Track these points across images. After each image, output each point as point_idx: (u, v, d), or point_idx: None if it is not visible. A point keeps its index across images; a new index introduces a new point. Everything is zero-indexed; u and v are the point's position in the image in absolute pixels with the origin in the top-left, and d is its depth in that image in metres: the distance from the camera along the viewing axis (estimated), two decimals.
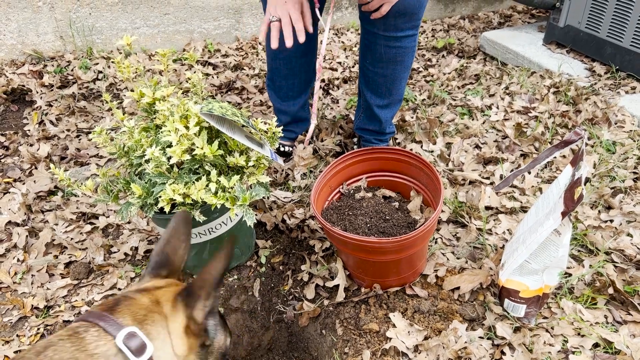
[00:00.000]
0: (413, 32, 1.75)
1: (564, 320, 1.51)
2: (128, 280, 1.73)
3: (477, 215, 1.87)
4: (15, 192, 2.04)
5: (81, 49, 2.97)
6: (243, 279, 1.74)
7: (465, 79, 2.90)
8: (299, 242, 1.85)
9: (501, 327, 1.51)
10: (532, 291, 1.49)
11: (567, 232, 1.38)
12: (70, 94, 2.67)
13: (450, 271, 1.68)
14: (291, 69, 1.96)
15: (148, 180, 1.45)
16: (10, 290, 1.71)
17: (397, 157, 1.69)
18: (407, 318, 1.55)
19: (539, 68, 2.86)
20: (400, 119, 2.41)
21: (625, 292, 1.56)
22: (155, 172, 1.38)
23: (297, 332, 1.63)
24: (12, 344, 1.55)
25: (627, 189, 1.96)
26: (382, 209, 1.62)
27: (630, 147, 2.16)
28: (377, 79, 1.90)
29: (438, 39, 3.43)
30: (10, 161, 2.27)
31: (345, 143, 2.33)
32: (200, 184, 1.36)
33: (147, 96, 1.50)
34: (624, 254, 1.70)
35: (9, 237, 1.87)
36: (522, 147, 2.23)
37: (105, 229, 1.93)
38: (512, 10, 3.90)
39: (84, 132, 2.46)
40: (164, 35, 3.12)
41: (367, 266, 1.55)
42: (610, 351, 1.43)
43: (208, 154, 1.36)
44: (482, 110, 2.53)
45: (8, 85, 2.66)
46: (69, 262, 1.80)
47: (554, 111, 2.44)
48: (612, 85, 2.62)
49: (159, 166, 1.36)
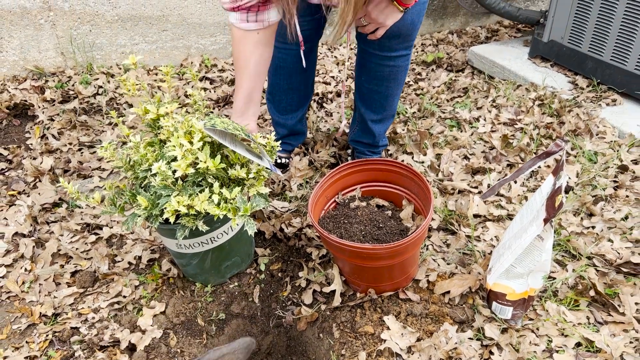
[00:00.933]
0: (406, 52, 1.85)
1: (549, 321, 1.60)
2: (132, 289, 1.79)
3: (466, 222, 1.96)
4: (21, 204, 2.10)
5: (81, 64, 3.05)
6: (243, 285, 1.81)
7: (454, 92, 3.01)
8: (297, 250, 1.93)
9: (489, 328, 1.59)
10: (518, 294, 1.57)
11: (549, 238, 1.47)
12: (71, 109, 2.75)
13: (440, 276, 1.77)
14: (291, 84, 2.06)
15: (153, 192, 1.52)
16: (18, 299, 1.78)
17: (390, 168, 1.78)
18: (401, 321, 1.63)
19: (524, 81, 2.97)
20: (392, 131, 2.51)
21: (606, 294, 1.65)
22: (160, 184, 1.45)
23: (296, 336, 1.70)
24: (22, 350, 1.61)
25: (608, 197, 2.06)
26: (376, 218, 1.71)
27: (610, 157, 2.27)
28: (371, 95, 2.00)
29: (428, 53, 3.55)
30: (14, 174, 2.34)
31: (340, 154, 2.42)
32: (203, 196, 1.44)
33: (151, 112, 1.58)
34: (604, 258, 1.80)
35: (16, 248, 1.94)
36: (508, 158, 2.33)
37: (109, 239, 2.00)
38: (499, 25, 4.03)
39: (85, 145, 2.53)
40: (162, 51, 3.21)
41: (362, 272, 1.64)
42: (592, 350, 1.52)
43: (211, 167, 1.44)
44: (470, 122, 2.63)
45: (11, 100, 2.73)
46: (75, 271, 1.87)
47: (538, 123, 2.54)
48: (593, 98, 2.73)
49: (165, 179, 1.44)
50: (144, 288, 1.79)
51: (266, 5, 1.55)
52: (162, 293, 1.78)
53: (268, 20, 1.59)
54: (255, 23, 1.58)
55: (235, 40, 1.64)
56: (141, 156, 1.55)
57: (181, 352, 1.62)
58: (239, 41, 1.63)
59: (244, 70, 1.68)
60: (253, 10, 1.55)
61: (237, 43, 1.64)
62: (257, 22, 1.58)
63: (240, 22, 1.58)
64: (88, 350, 1.60)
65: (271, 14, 1.59)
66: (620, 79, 2.69)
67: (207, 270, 1.75)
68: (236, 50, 1.67)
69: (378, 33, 1.69)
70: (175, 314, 1.71)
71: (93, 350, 1.60)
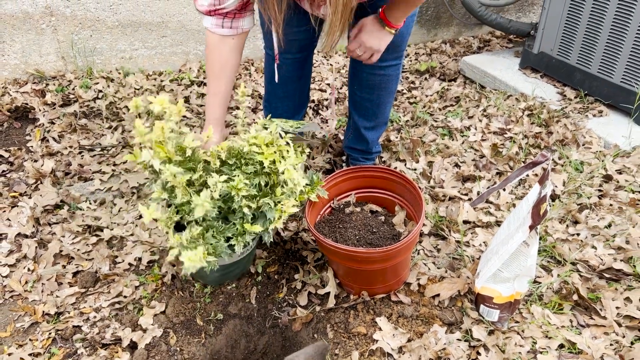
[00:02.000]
0: (397, 62, 1.92)
1: (534, 324, 1.67)
2: (133, 289, 1.85)
3: (456, 228, 2.04)
4: (24, 205, 2.15)
5: (82, 69, 3.10)
6: (241, 287, 1.87)
7: (446, 101, 3.09)
8: (293, 253, 1.99)
9: (477, 330, 1.66)
10: (505, 297, 1.65)
11: (534, 244, 1.55)
12: (71, 112, 2.80)
13: (431, 280, 1.84)
14: (286, 92, 2.12)
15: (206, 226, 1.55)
16: (21, 298, 1.82)
17: (383, 175, 1.85)
18: (392, 322, 1.70)
19: (514, 91, 3.06)
20: (385, 139, 2.58)
21: (588, 298, 1.73)
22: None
23: (291, 337, 1.76)
24: (26, 347, 1.66)
25: (593, 205, 2.14)
26: (370, 223, 1.78)
27: (596, 166, 2.36)
28: (363, 103, 2.07)
29: (421, 62, 3.63)
30: (16, 176, 2.38)
31: (335, 161, 2.49)
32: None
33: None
34: (588, 264, 1.87)
35: (19, 248, 1.99)
36: (497, 166, 2.41)
37: (110, 240, 2.06)
38: (490, 36, 4.12)
39: (86, 148, 2.58)
40: (161, 56, 3.27)
41: (356, 275, 1.70)
42: (574, 351, 1.59)
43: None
44: (462, 131, 2.71)
45: (12, 103, 2.78)
46: (77, 271, 1.92)
47: (527, 132, 2.63)
48: (581, 109, 2.82)
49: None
50: (144, 288, 1.85)
51: (242, 13, 1.62)
52: (161, 293, 1.84)
53: (242, 27, 1.66)
54: (230, 29, 1.64)
55: (211, 46, 1.68)
56: (183, 194, 1.46)
57: (180, 350, 1.67)
58: (216, 47, 1.67)
59: (220, 77, 1.71)
60: (229, 17, 1.61)
61: (213, 48, 1.68)
62: (232, 28, 1.64)
63: (216, 27, 1.63)
64: (90, 348, 1.66)
65: (245, 22, 1.66)
66: (607, 91, 2.78)
67: (228, 277, 1.82)
68: (212, 56, 1.70)
69: (374, 58, 1.75)
70: (175, 314, 1.76)
71: (95, 348, 1.65)
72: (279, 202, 1.52)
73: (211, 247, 1.47)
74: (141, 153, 1.35)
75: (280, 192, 1.51)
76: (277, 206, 1.52)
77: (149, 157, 1.35)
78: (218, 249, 1.48)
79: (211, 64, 1.71)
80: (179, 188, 1.42)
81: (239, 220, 1.53)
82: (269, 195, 1.53)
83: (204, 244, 1.47)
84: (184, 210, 1.50)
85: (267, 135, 1.51)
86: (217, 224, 1.52)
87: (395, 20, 1.66)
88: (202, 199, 1.38)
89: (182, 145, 1.44)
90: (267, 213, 1.51)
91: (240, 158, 1.54)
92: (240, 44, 1.71)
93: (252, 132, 1.53)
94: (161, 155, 1.39)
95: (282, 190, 1.52)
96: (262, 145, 1.50)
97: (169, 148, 1.40)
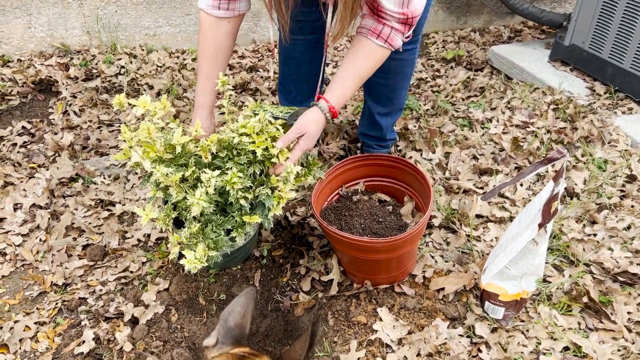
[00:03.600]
0: (413, 46, 1.87)
1: (539, 324, 1.63)
2: (139, 265, 1.87)
3: (467, 222, 1.99)
4: (40, 177, 2.19)
5: (106, 44, 3.13)
6: (245, 269, 1.87)
7: (470, 91, 3.01)
8: (299, 238, 1.98)
9: (480, 327, 1.63)
10: (511, 295, 1.61)
11: (543, 243, 1.50)
12: (93, 87, 2.83)
13: (437, 273, 1.81)
14: (300, 74, 2.09)
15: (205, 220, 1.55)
16: (32, 267, 1.87)
17: (393, 164, 1.81)
18: (394, 313, 1.68)
19: (541, 84, 2.96)
20: (402, 127, 2.54)
21: (599, 301, 1.67)
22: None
23: (293, 321, 1.76)
24: (32, 315, 1.70)
25: (613, 206, 2.07)
26: (377, 212, 1.75)
27: (620, 165, 2.27)
28: (378, 88, 2.03)
29: (448, 50, 3.54)
30: (36, 147, 2.43)
31: (349, 147, 2.46)
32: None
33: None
34: (602, 266, 1.81)
35: (32, 219, 2.03)
36: (517, 160, 2.34)
37: (121, 216, 2.08)
38: (522, 25, 3.99)
39: (105, 123, 2.61)
40: (185, 34, 3.27)
41: (360, 264, 1.68)
42: (579, 355, 1.54)
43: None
44: (483, 123, 2.64)
45: (36, 76, 2.82)
46: (87, 244, 1.95)
47: (551, 127, 2.54)
48: (610, 105, 2.72)
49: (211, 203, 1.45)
50: (151, 265, 1.87)
51: None
52: (167, 271, 1.85)
53: (239, 9, 1.63)
54: (226, 11, 1.61)
55: (206, 28, 1.63)
56: (177, 192, 1.46)
57: (181, 328, 1.69)
58: (210, 29, 1.63)
59: (214, 61, 1.67)
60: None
61: (207, 31, 1.63)
62: (229, 10, 1.61)
63: (212, 9, 1.60)
64: (94, 320, 1.68)
65: (242, 4, 1.63)
66: (639, 88, 2.66)
67: (231, 263, 1.84)
68: (206, 39, 1.65)
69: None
70: (178, 292, 1.78)
71: (98, 321, 1.68)
72: (276, 189, 1.51)
73: (212, 242, 1.47)
74: (131, 153, 1.36)
75: (275, 180, 1.50)
76: (275, 193, 1.50)
77: (138, 158, 1.35)
78: (219, 243, 1.48)
79: (204, 47, 1.67)
80: (173, 187, 1.41)
81: (237, 212, 1.52)
82: (264, 183, 1.52)
83: (204, 239, 1.47)
84: (181, 207, 1.51)
85: (256, 124, 1.48)
86: (215, 218, 1.51)
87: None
88: (196, 197, 1.37)
89: (170, 143, 1.42)
90: (265, 201, 1.50)
91: (231, 149, 1.52)
92: (235, 28, 1.68)
93: (240, 121, 1.50)
94: (151, 155, 1.38)
95: (277, 178, 1.50)
96: (252, 134, 1.47)
97: (157, 147, 1.39)
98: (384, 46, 1.54)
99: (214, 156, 1.51)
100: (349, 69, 1.56)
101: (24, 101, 2.76)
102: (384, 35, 1.51)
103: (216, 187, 1.43)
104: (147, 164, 1.36)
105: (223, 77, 1.57)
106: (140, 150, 1.38)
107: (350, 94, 1.60)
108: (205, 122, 1.71)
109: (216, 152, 1.49)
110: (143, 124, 1.37)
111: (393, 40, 1.53)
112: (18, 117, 2.66)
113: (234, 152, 1.51)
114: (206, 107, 1.73)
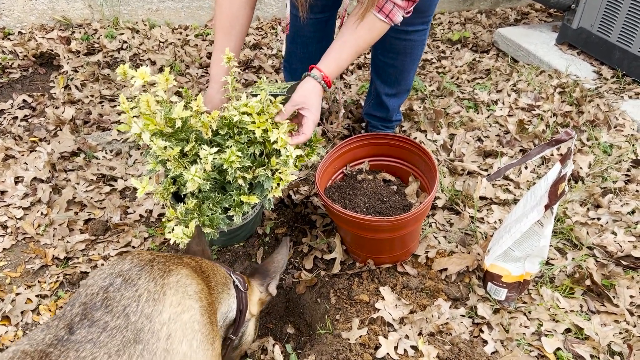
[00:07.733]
0: (423, 27, 1.84)
1: (542, 305, 1.63)
2: (142, 240, 1.86)
3: (471, 204, 1.98)
4: (42, 150, 2.18)
5: (108, 18, 3.09)
6: (248, 246, 1.87)
7: (476, 73, 2.98)
8: (302, 217, 1.97)
9: (482, 307, 1.63)
10: (514, 277, 1.60)
11: (549, 224, 1.49)
12: (95, 62, 2.80)
13: (440, 253, 1.80)
14: (307, 53, 2.06)
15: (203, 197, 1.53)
16: (33, 241, 1.86)
17: (399, 144, 1.79)
18: (396, 293, 1.68)
19: (548, 67, 2.93)
20: (408, 107, 2.51)
21: (602, 285, 1.67)
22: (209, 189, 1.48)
23: (294, 299, 1.76)
24: (34, 288, 1.70)
25: (617, 190, 2.06)
26: (381, 191, 1.74)
27: (626, 150, 2.25)
28: (386, 68, 2.00)
29: (454, 31, 3.50)
30: (37, 121, 2.41)
31: (354, 127, 2.44)
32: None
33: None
34: (606, 250, 1.81)
35: (34, 192, 2.01)
36: (522, 143, 2.32)
37: (123, 191, 2.07)
38: (529, 8, 3.94)
39: (106, 98, 2.58)
40: (188, 10, 3.23)
41: (363, 243, 1.68)
42: (581, 337, 1.55)
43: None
44: (488, 105, 2.62)
45: (37, 49, 2.79)
46: (88, 219, 1.94)
47: (557, 110, 2.52)
48: (616, 90, 2.69)
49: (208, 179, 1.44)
50: (153, 241, 1.86)
51: None
52: (169, 246, 1.84)
53: None
54: None
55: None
56: (175, 167, 1.44)
57: None
58: (226, 0, 1.58)
59: (230, 33, 1.62)
60: None
61: (223, 2, 1.59)
62: None
63: None
64: None
65: None
66: None
67: (236, 239, 1.84)
68: (222, 10, 1.60)
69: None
70: None
71: None
72: (277, 171, 1.49)
73: (207, 219, 1.45)
74: (132, 124, 1.34)
75: (275, 162, 1.48)
76: (275, 175, 1.48)
77: (139, 130, 1.33)
78: (215, 221, 1.46)
79: (220, 19, 1.62)
80: (171, 161, 1.39)
81: (236, 191, 1.51)
82: (264, 164, 1.50)
83: (199, 216, 1.45)
84: (179, 182, 1.49)
85: (257, 104, 1.45)
86: (213, 195, 1.50)
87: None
88: (192, 173, 1.35)
89: (171, 117, 1.40)
90: (264, 183, 1.48)
91: (232, 127, 1.49)
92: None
93: (242, 100, 1.48)
94: (151, 128, 1.36)
95: (277, 160, 1.48)
96: (253, 113, 1.44)
97: (158, 120, 1.37)
98: (385, 21, 1.51)
99: (214, 133, 1.49)
100: (348, 40, 1.53)
101: (25, 74, 2.73)
102: (386, 10, 1.49)
103: (215, 164, 1.41)
104: (146, 136, 1.34)
105: (229, 53, 1.54)
106: (141, 123, 1.36)
107: (345, 65, 1.57)
108: (216, 96, 1.68)
109: (216, 129, 1.47)
110: (142, 96, 1.35)
111: (394, 16, 1.50)
112: (19, 90, 2.63)
113: (234, 130, 1.49)
114: (218, 80, 1.68)
